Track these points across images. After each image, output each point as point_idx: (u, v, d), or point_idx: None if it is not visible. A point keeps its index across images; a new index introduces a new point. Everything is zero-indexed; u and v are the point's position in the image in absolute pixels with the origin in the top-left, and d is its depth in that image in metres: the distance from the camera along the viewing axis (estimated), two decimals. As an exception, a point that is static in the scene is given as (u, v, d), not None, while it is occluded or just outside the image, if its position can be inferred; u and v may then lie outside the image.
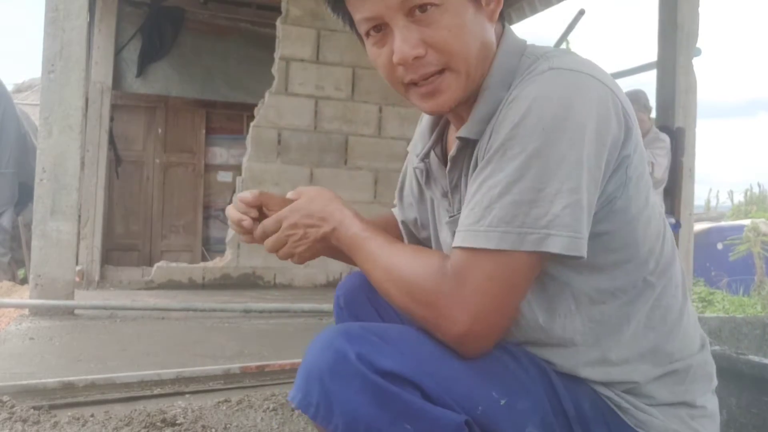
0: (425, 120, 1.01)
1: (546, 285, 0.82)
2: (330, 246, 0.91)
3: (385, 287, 0.82)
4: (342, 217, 0.89)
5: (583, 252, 0.74)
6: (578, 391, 0.83)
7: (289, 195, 0.95)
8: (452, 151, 0.89)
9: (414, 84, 0.83)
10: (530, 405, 0.79)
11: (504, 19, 0.88)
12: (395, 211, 1.18)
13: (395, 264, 0.81)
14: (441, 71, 0.81)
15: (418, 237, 1.12)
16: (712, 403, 0.89)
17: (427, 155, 0.97)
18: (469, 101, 0.86)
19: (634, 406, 0.83)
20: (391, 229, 1.14)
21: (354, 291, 1.11)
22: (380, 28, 0.81)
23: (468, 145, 0.87)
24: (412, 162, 1.06)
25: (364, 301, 1.09)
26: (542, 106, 0.74)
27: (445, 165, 0.94)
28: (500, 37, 0.86)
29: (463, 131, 0.85)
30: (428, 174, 0.98)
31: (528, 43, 0.88)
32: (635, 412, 0.83)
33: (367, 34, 0.84)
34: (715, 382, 0.91)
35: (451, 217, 0.93)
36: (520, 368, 0.81)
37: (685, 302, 0.89)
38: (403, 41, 0.79)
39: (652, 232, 0.84)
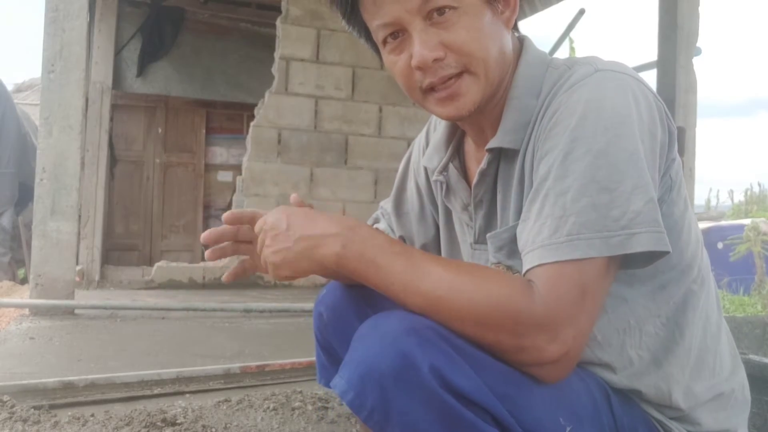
0: (440, 133, 0.98)
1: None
2: (327, 267, 0.77)
3: (443, 312, 0.70)
4: (357, 222, 0.77)
5: (669, 246, 0.71)
6: (633, 415, 0.81)
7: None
8: (482, 164, 0.86)
9: (432, 89, 0.81)
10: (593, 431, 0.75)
11: (519, 31, 0.89)
12: (385, 225, 1.12)
13: (458, 286, 0.70)
14: (459, 74, 0.80)
15: None
16: None
17: (445, 168, 0.95)
18: (490, 111, 0.85)
19: None
20: None
21: (340, 307, 0.99)
22: (397, 34, 0.81)
23: (497, 158, 0.85)
24: (419, 174, 1.05)
25: (352, 318, 0.95)
26: (599, 107, 0.72)
27: (465, 178, 0.93)
28: (520, 48, 0.87)
29: (495, 142, 0.83)
30: (448, 188, 0.96)
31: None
32: None
33: (385, 41, 0.83)
34: (749, 406, 0.90)
35: (483, 234, 0.88)
36: (586, 391, 0.77)
37: (720, 314, 0.88)
38: (423, 44, 0.78)
39: (693, 237, 0.83)
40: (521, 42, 0.88)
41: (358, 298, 0.96)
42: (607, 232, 0.69)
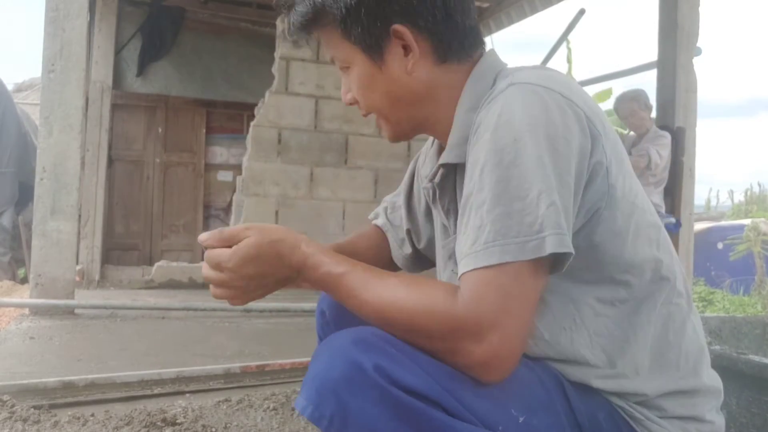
0: (435, 144, 1.05)
1: (547, 299, 0.82)
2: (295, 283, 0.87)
3: (384, 324, 0.77)
4: (303, 259, 0.83)
5: (571, 248, 0.74)
6: (593, 403, 0.83)
7: (233, 230, 0.85)
8: (436, 177, 0.94)
9: None
10: (547, 421, 0.78)
11: (475, 47, 0.93)
12: (384, 221, 1.18)
13: (391, 298, 0.77)
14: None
15: (417, 247, 1.13)
16: (719, 419, 0.89)
17: (434, 176, 1.01)
18: (442, 129, 0.93)
19: (647, 418, 0.84)
20: (369, 251, 1.14)
21: (341, 306, 1.05)
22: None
23: (453, 170, 0.92)
24: (421, 179, 1.10)
25: (352, 316, 1.00)
26: (509, 120, 0.77)
27: None
28: (471, 67, 0.92)
29: (443, 158, 0.91)
30: (434, 194, 1.02)
31: (507, 65, 0.92)
32: (648, 423, 0.83)
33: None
34: (721, 397, 0.91)
35: (445, 240, 0.98)
36: (537, 381, 0.80)
37: (689, 312, 0.89)
38: (343, 88, 0.96)
39: (643, 240, 0.84)
40: (476, 59, 0.93)
41: None
42: (523, 237, 0.73)
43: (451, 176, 0.93)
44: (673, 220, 3.93)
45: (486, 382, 0.74)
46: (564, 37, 6.11)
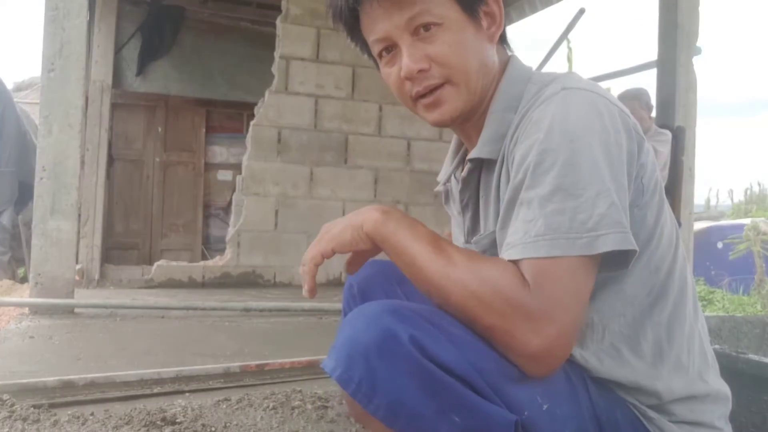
0: (451, 147, 1.07)
1: None
2: (365, 231, 0.84)
3: (445, 291, 0.76)
4: (379, 213, 0.84)
5: (634, 245, 0.76)
6: (611, 399, 0.84)
7: None
8: (464, 172, 0.95)
9: (420, 97, 0.90)
10: (569, 411, 0.79)
11: (509, 47, 0.96)
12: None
13: (472, 266, 0.76)
14: (442, 84, 0.88)
15: None
16: (728, 428, 0.90)
17: (448, 179, 1.05)
18: (477, 121, 0.93)
19: (659, 418, 0.85)
20: None
21: (370, 281, 1.07)
22: (390, 48, 0.90)
23: (479, 166, 0.93)
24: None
25: (380, 293, 1.06)
26: (564, 121, 0.78)
27: None
28: (506, 64, 0.94)
29: (474, 153, 0.91)
30: (447, 196, 1.07)
31: (533, 69, 0.94)
32: (661, 423, 0.85)
33: (380, 55, 0.93)
34: (730, 406, 0.92)
35: (471, 235, 0.97)
36: (562, 372, 0.81)
37: (696, 316, 0.90)
38: (409, 57, 0.87)
39: (665, 241, 0.86)
40: (508, 57, 0.95)
41: (388, 273, 1.06)
42: (574, 234, 0.74)
43: (476, 172, 0.94)
44: (672, 219, 3.93)
45: (531, 374, 0.75)
46: (564, 37, 6.10)
